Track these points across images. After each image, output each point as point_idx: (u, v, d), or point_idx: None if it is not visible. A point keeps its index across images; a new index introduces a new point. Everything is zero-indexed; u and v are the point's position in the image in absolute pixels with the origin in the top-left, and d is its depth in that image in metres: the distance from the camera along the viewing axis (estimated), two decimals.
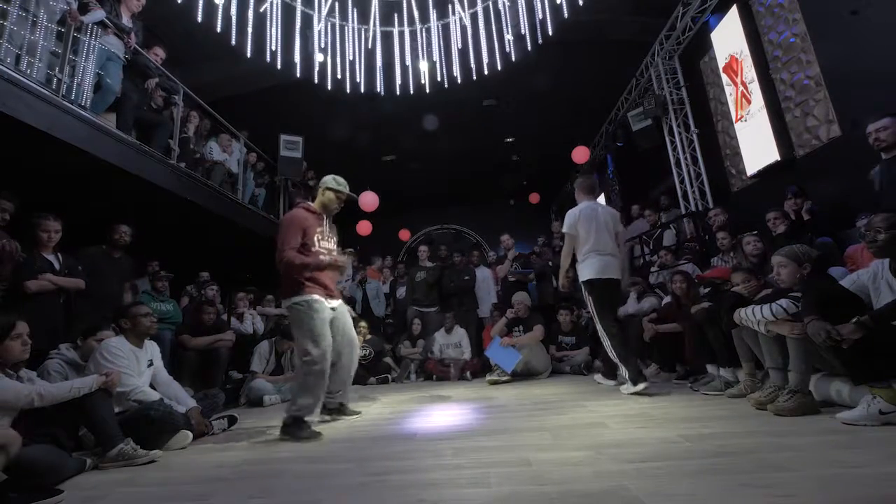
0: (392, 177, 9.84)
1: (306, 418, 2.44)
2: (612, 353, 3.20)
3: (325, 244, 2.77)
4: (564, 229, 3.48)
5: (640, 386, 2.94)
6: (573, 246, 3.44)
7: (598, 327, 3.28)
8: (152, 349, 2.78)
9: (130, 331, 2.65)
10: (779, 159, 4.67)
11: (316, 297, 2.56)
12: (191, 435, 2.53)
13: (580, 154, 8.16)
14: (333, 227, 2.90)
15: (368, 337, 5.20)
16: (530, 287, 5.95)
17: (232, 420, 2.98)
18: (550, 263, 5.84)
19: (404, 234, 10.03)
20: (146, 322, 2.68)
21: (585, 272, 3.34)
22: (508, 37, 5.77)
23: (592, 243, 3.33)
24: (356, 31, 5.90)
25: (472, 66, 5.97)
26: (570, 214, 3.47)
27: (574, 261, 3.48)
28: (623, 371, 3.11)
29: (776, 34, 4.69)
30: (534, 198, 11.42)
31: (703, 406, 2.52)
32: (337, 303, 2.79)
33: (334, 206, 2.80)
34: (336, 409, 2.91)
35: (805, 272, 2.29)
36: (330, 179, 2.80)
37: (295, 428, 2.41)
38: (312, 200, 2.88)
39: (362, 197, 7.40)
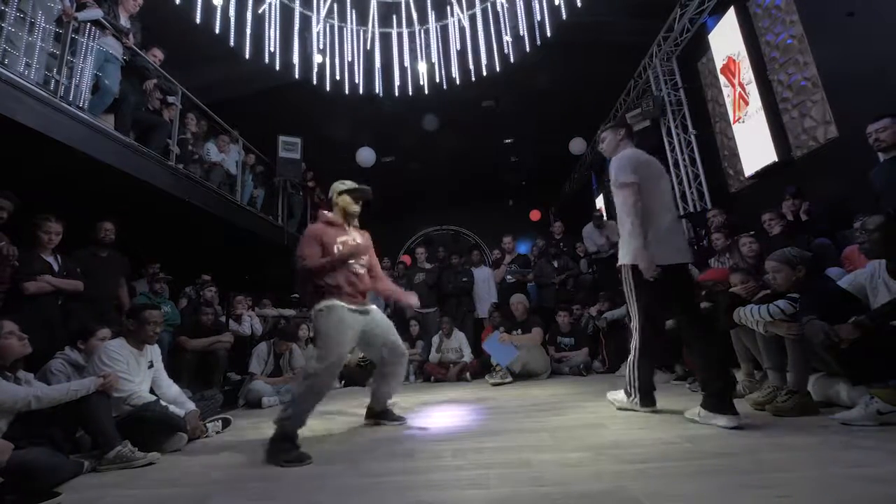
0: (391, 178, 9.83)
1: (296, 432, 2.13)
2: None
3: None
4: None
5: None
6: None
7: None
8: (153, 351, 2.76)
9: (133, 333, 2.64)
10: (776, 160, 4.69)
11: (337, 302, 2.39)
12: (186, 437, 2.52)
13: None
14: (364, 234, 2.75)
15: None
16: (530, 288, 5.94)
17: (226, 423, 2.97)
18: (556, 264, 5.81)
19: (406, 260, 10.20)
20: (150, 331, 2.66)
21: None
22: (507, 38, 5.78)
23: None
24: (355, 33, 5.91)
25: (471, 67, 5.98)
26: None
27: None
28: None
29: (773, 36, 4.71)
30: (534, 215, 11.45)
31: None
32: (368, 308, 2.57)
33: (353, 208, 2.67)
34: (380, 414, 2.79)
35: (800, 274, 2.28)
36: (338, 185, 2.71)
37: (278, 447, 2.02)
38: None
39: (359, 153, 7.91)
